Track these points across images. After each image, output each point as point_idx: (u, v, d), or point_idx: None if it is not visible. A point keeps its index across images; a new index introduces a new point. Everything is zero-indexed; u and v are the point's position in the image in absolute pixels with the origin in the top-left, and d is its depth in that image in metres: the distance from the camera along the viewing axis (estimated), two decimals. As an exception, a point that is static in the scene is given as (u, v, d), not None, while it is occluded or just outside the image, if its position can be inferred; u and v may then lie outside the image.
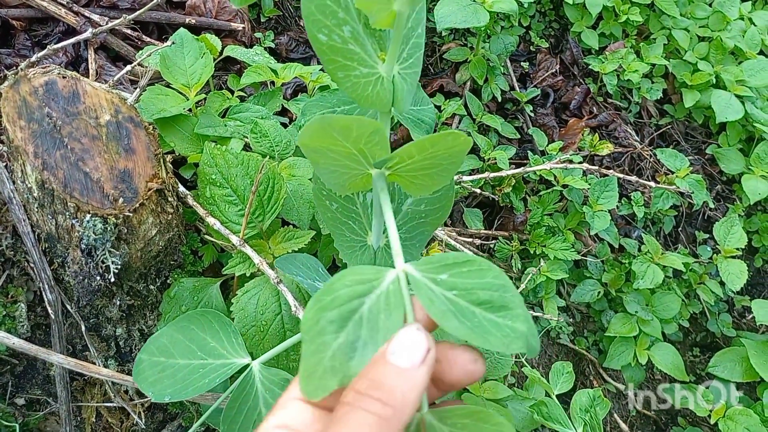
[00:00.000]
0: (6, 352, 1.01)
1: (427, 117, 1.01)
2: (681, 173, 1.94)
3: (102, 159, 0.95)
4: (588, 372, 1.98)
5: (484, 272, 0.47)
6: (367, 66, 0.54)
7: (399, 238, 0.52)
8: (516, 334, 0.44)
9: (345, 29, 0.52)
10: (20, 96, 0.94)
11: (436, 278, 0.47)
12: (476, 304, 0.45)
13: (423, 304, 0.45)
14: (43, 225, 0.96)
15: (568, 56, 2.18)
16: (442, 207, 0.66)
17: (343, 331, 0.44)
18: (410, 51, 0.56)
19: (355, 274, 0.47)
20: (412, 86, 0.56)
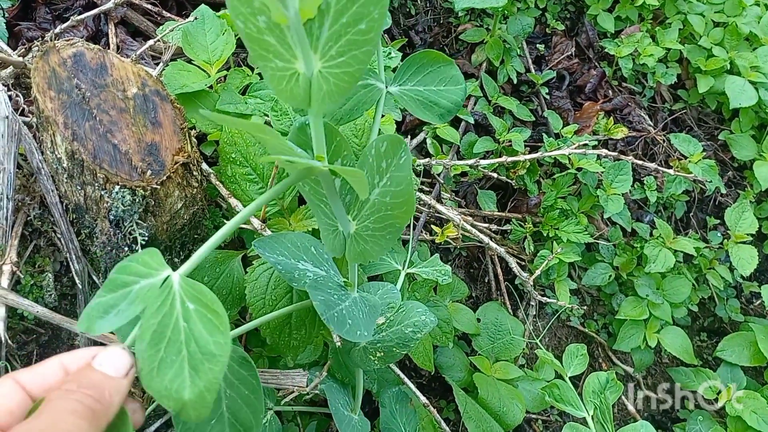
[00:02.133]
0: (32, 321, 1.03)
1: (444, 99, 0.95)
2: (694, 158, 1.94)
3: (130, 131, 0.96)
4: (597, 354, 2.00)
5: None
6: (283, 60, 0.53)
7: (359, 228, 0.54)
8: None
9: (260, 19, 0.51)
10: (50, 66, 0.94)
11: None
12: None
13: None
14: (71, 196, 0.96)
15: (584, 39, 2.17)
16: (406, 201, 0.65)
17: (110, 294, 0.55)
18: (342, 48, 0.52)
19: (148, 256, 0.58)
20: (339, 87, 0.54)
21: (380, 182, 0.66)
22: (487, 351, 1.65)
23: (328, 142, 0.68)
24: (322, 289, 0.77)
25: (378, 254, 0.70)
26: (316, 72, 0.54)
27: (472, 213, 1.77)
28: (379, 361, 0.92)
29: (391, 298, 0.96)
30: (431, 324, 0.93)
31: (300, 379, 0.96)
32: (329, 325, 0.72)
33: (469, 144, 1.80)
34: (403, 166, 0.63)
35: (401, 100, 0.91)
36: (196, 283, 0.57)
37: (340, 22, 0.51)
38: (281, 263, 0.85)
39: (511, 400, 1.52)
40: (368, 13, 0.50)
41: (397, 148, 0.63)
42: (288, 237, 0.89)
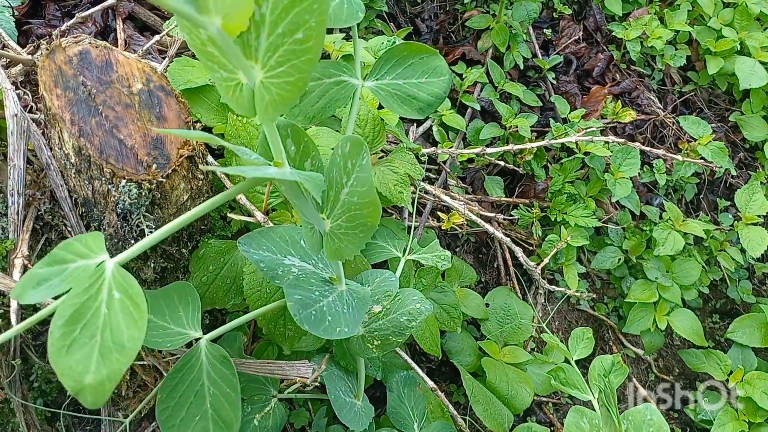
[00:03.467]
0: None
1: (425, 93, 0.91)
2: (703, 140, 1.93)
3: (135, 126, 0.98)
4: (607, 338, 2.01)
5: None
6: (227, 70, 0.53)
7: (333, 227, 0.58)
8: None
9: (202, 31, 0.51)
10: (56, 65, 0.97)
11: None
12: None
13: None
14: (80, 190, 0.99)
15: (592, 23, 2.16)
16: (372, 202, 0.66)
17: (47, 267, 0.57)
18: (281, 59, 0.51)
19: (92, 239, 0.59)
20: (282, 97, 0.53)
21: (348, 182, 0.66)
22: (495, 335, 1.66)
23: (296, 143, 0.69)
24: (302, 287, 0.77)
25: (353, 252, 0.71)
26: (258, 82, 0.53)
27: (480, 199, 1.78)
28: (377, 349, 0.94)
29: (389, 287, 0.97)
30: (426, 312, 0.94)
31: (305, 370, 0.98)
32: (303, 325, 0.72)
33: (476, 130, 1.81)
34: (365, 167, 0.64)
35: (378, 95, 0.89)
36: (127, 275, 0.57)
37: (276, 33, 0.50)
38: (265, 260, 0.85)
39: (520, 384, 1.54)
40: (304, 22, 0.49)
41: (359, 150, 0.64)
42: (277, 231, 0.89)
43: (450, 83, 0.92)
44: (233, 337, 1.12)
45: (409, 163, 1.35)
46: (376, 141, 1.31)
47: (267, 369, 1.03)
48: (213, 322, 1.29)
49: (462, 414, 1.53)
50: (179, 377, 0.84)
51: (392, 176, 1.30)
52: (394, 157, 1.35)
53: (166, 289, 0.90)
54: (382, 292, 1.01)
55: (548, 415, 1.78)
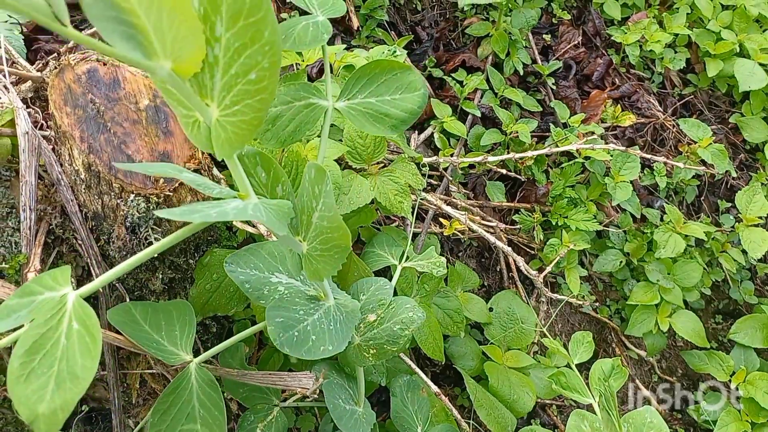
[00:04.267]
0: (58, 324, 1.09)
1: (398, 109, 0.90)
2: (703, 143, 1.95)
3: (143, 142, 1.01)
4: (610, 339, 2.03)
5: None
6: (185, 107, 0.55)
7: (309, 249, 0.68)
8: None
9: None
10: (65, 83, 1.00)
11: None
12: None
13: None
14: (89, 205, 1.02)
15: (591, 28, 2.19)
16: (339, 227, 0.68)
17: (18, 299, 0.60)
18: (235, 98, 0.53)
19: (60, 273, 0.62)
20: (238, 135, 0.54)
21: (317, 206, 0.68)
22: (499, 340, 1.69)
23: (266, 170, 0.71)
24: (285, 308, 0.78)
25: (330, 272, 0.72)
26: (214, 120, 0.55)
27: (481, 204, 1.81)
28: (372, 357, 0.96)
29: (383, 295, 0.99)
30: (419, 320, 0.96)
31: (306, 381, 1.01)
32: (283, 349, 0.73)
33: (477, 136, 1.83)
34: (328, 193, 0.66)
35: (349, 116, 0.89)
36: (86, 306, 0.58)
37: (230, 74, 0.52)
38: (251, 281, 0.86)
39: (522, 388, 1.56)
40: (257, 63, 0.50)
41: (322, 177, 0.66)
42: (265, 247, 0.90)
43: (425, 97, 0.91)
44: (235, 348, 1.15)
45: (410, 173, 1.37)
46: (377, 152, 1.33)
47: (269, 380, 1.05)
48: (219, 329, 1.32)
49: (466, 418, 1.55)
50: (170, 400, 0.87)
51: (393, 186, 1.32)
52: (395, 167, 1.37)
53: (167, 304, 0.93)
54: (376, 301, 1.02)
55: (552, 418, 1.81)
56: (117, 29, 0.43)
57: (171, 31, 0.44)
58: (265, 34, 0.49)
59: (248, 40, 0.49)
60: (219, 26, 0.49)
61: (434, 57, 1.95)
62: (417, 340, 1.39)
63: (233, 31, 0.49)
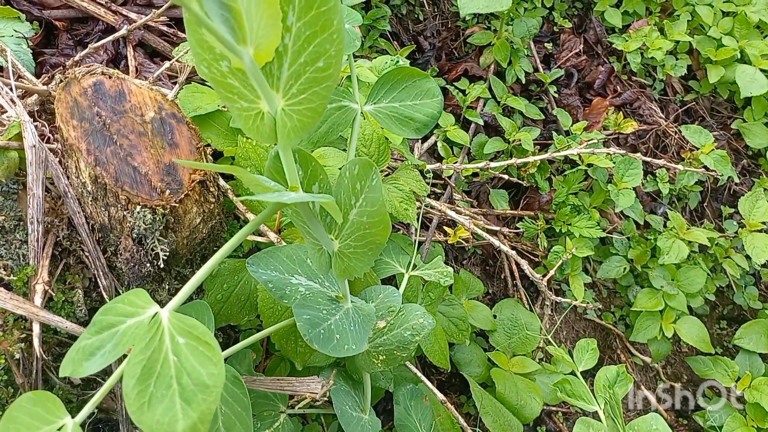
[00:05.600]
0: (65, 335, 1.10)
1: (421, 114, 0.95)
2: (705, 149, 1.96)
3: (149, 154, 1.02)
4: (615, 346, 2.03)
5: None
6: (247, 100, 0.55)
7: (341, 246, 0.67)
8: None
9: (223, 64, 0.53)
10: (72, 97, 1.01)
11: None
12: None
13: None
14: (96, 216, 1.03)
15: (592, 35, 2.20)
16: (382, 221, 0.68)
17: (96, 336, 0.57)
18: (303, 86, 0.54)
19: (135, 296, 0.60)
20: (303, 123, 0.56)
21: (357, 203, 0.69)
22: (504, 346, 1.69)
23: (303, 168, 0.71)
24: (310, 307, 0.79)
25: (363, 269, 0.73)
26: (280, 110, 0.56)
27: (485, 212, 1.81)
28: (382, 363, 0.97)
29: (392, 302, 0.99)
30: (429, 326, 0.97)
31: (314, 386, 1.01)
32: (312, 344, 0.74)
33: (480, 145, 1.84)
34: (375, 187, 0.67)
35: (377, 118, 0.92)
36: (186, 317, 0.58)
37: (299, 62, 0.53)
38: (273, 280, 0.87)
39: (529, 394, 1.56)
40: (325, 51, 0.52)
41: (368, 171, 0.67)
42: (284, 250, 0.91)
43: (442, 103, 0.96)
44: (243, 355, 1.16)
45: (414, 180, 1.38)
46: (382, 159, 1.34)
47: (277, 385, 1.06)
48: (226, 339, 1.32)
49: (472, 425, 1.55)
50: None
51: (398, 193, 1.33)
52: (399, 174, 1.38)
53: (185, 307, 0.93)
54: (385, 308, 1.03)
55: (558, 425, 1.80)
56: (218, 12, 0.45)
57: (257, 17, 0.46)
58: (335, 22, 0.51)
59: (319, 29, 0.51)
60: (291, 16, 0.51)
61: (437, 66, 1.96)
62: (423, 348, 1.39)
63: (305, 20, 0.51)
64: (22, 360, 0.99)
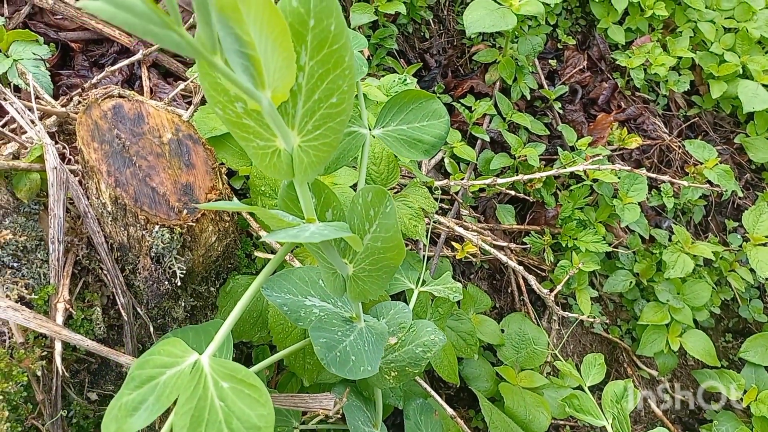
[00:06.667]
0: (83, 352, 1.12)
1: (428, 135, 0.97)
2: (709, 164, 1.98)
3: (166, 174, 1.05)
4: (622, 360, 2.04)
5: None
6: (263, 139, 0.57)
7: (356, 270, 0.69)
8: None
9: (238, 105, 0.55)
10: (92, 120, 1.04)
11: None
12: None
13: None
14: (115, 236, 1.05)
15: (596, 52, 2.23)
16: (396, 246, 0.70)
17: (137, 390, 0.57)
18: (318, 123, 0.56)
19: (171, 346, 0.60)
20: (319, 157, 0.57)
21: (371, 228, 0.70)
22: (512, 361, 1.71)
23: (316, 195, 0.73)
24: (325, 329, 0.81)
25: (377, 292, 0.75)
26: (296, 147, 0.57)
27: (492, 227, 1.83)
28: (394, 380, 0.98)
29: (402, 318, 1.01)
30: (440, 343, 0.99)
31: (327, 402, 1.03)
32: (330, 368, 0.75)
33: (486, 161, 1.87)
34: (389, 214, 0.68)
35: (386, 141, 0.94)
36: (227, 362, 0.58)
37: (313, 99, 0.55)
38: (288, 303, 0.89)
39: (537, 408, 1.58)
40: (338, 87, 0.54)
41: (382, 198, 0.68)
42: (296, 273, 0.93)
43: (449, 124, 0.98)
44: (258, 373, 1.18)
45: (422, 197, 1.41)
46: (391, 177, 1.37)
47: (291, 402, 1.07)
48: (238, 355, 1.34)
49: (481, 439, 1.57)
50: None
51: (407, 211, 1.35)
52: (408, 192, 1.41)
53: (207, 325, 0.95)
54: (396, 324, 1.05)
55: (566, 438, 1.82)
56: (238, 62, 0.47)
57: (273, 61, 0.48)
58: (346, 58, 0.53)
59: (331, 66, 0.53)
60: (303, 55, 0.53)
61: (443, 83, 1.99)
62: (432, 363, 1.41)
63: (318, 59, 0.53)
64: (42, 377, 1.02)
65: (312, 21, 0.52)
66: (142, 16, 0.36)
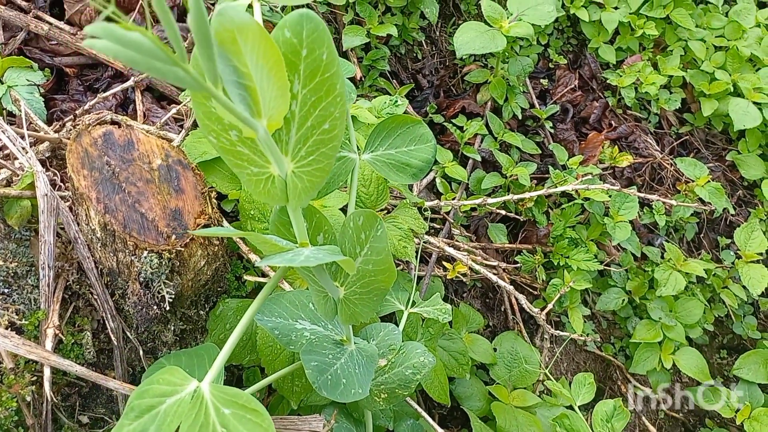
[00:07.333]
0: (73, 376, 1.13)
1: (416, 159, 0.98)
2: (700, 182, 1.99)
3: (155, 200, 1.06)
4: (615, 377, 2.04)
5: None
6: (257, 166, 0.58)
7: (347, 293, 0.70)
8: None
9: (232, 133, 0.56)
10: (82, 147, 1.05)
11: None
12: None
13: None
14: (105, 261, 1.07)
15: (587, 71, 2.25)
16: (387, 269, 0.71)
17: (137, 420, 0.58)
18: (311, 149, 0.57)
19: (169, 374, 0.61)
20: (312, 183, 0.58)
21: (362, 251, 0.72)
22: (504, 380, 1.71)
23: (308, 219, 0.74)
24: (316, 352, 0.82)
25: (368, 315, 0.77)
26: (290, 172, 0.59)
27: (484, 246, 1.85)
28: (384, 402, 0.99)
29: (392, 340, 1.02)
30: (430, 365, 1.00)
31: (317, 425, 1.04)
32: (321, 392, 0.77)
33: (478, 180, 1.88)
34: (380, 237, 0.70)
35: (375, 166, 0.95)
36: (227, 388, 0.59)
37: (306, 126, 0.56)
38: (279, 327, 0.90)
39: (529, 427, 1.58)
40: (330, 114, 0.56)
41: (373, 222, 0.70)
42: (286, 296, 0.94)
43: (435, 148, 0.99)
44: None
45: (412, 218, 1.42)
46: (381, 199, 1.38)
47: (281, 425, 1.08)
48: (229, 377, 1.35)
49: (473, 459, 1.57)
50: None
51: (397, 232, 1.37)
52: (398, 213, 1.42)
53: (199, 349, 0.96)
54: (386, 346, 1.06)
55: (559, 457, 1.82)
56: (236, 92, 0.48)
57: (269, 90, 0.49)
58: (338, 86, 0.55)
59: (323, 93, 0.55)
60: (296, 84, 0.55)
61: (435, 103, 2.01)
62: (423, 384, 1.41)
63: (310, 87, 0.55)
64: (33, 401, 1.03)
65: (305, 51, 0.54)
66: (147, 53, 0.38)
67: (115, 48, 0.36)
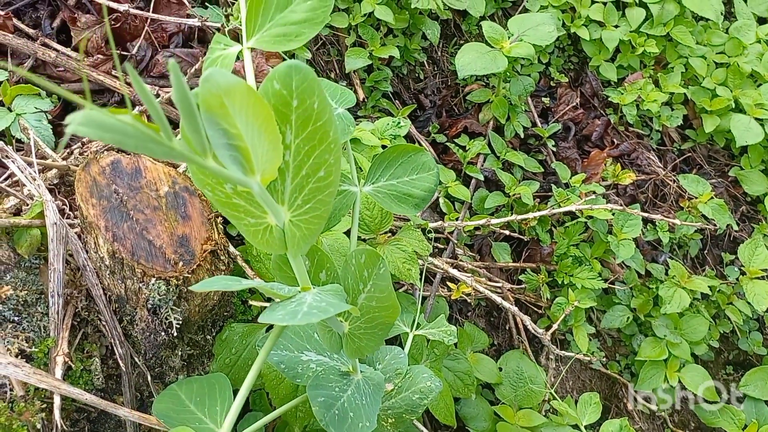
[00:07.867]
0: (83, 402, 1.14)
1: (418, 189, 0.97)
2: (703, 198, 2.00)
3: (163, 227, 1.08)
4: (621, 395, 2.04)
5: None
6: (254, 216, 0.58)
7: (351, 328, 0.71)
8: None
9: (227, 187, 0.56)
10: (91, 176, 1.07)
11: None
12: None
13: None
14: (113, 288, 1.08)
15: (588, 89, 2.26)
16: (391, 305, 0.72)
17: None
18: (307, 197, 0.57)
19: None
20: (310, 230, 0.59)
21: (365, 288, 0.72)
22: (510, 399, 1.71)
23: (310, 258, 0.75)
24: (322, 386, 0.82)
25: (374, 348, 0.77)
26: (287, 221, 0.59)
27: (488, 266, 1.85)
28: (391, 427, 0.99)
29: (398, 364, 1.02)
30: (437, 389, 1.00)
31: (320, 450, 1.05)
32: (329, 429, 0.76)
33: (481, 199, 1.89)
34: (383, 276, 0.70)
35: (376, 197, 0.95)
36: None
37: (301, 175, 0.57)
38: (285, 360, 0.90)
39: (535, 447, 1.58)
40: (324, 161, 0.56)
41: (375, 261, 0.70)
42: (291, 328, 0.93)
43: (438, 176, 0.99)
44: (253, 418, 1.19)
45: (416, 240, 1.43)
46: (384, 222, 1.39)
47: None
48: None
49: (479, 479, 1.57)
50: None
51: (400, 254, 1.37)
52: (402, 235, 1.43)
53: (210, 377, 0.96)
54: (393, 371, 1.06)
55: (566, 476, 1.81)
56: (227, 154, 0.49)
57: (261, 146, 0.50)
58: (331, 133, 0.55)
59: (317, 142, 0.55)
60: (289, 134, 0.55)
61: (437, 123, 2.03)
62: (428, 405, 1.42)
63: (303, 136, 0.55)
64: (42, 428, 1.03)
65: (295, 101, 0.54)
66: (132, 136, 0.39)
67: (102, 134, 0.37)
